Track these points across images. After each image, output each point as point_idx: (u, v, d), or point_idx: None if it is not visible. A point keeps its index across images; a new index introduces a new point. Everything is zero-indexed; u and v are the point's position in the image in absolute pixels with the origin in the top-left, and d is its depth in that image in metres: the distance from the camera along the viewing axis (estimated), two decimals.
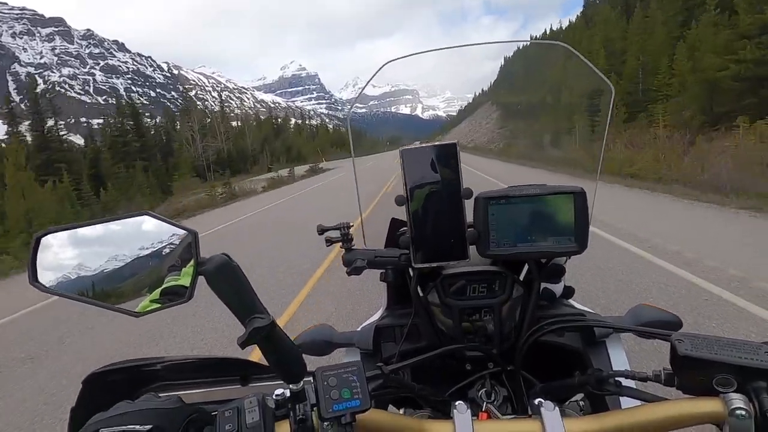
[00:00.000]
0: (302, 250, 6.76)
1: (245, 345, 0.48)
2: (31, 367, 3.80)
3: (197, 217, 15.97)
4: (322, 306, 4.27)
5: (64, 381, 3.40)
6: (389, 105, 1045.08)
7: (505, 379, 0.72)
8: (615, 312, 1.61)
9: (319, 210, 12.53)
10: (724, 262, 4.16)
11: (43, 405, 3.06)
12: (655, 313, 0.75)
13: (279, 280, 5.35)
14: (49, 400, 3.11)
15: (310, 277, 5.26)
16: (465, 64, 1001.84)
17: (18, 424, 2.84)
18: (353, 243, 0.76)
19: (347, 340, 0.82)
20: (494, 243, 0.67)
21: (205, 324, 4.12)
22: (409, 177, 0.65)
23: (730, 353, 0.46)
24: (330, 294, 4.58)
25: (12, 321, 5.40)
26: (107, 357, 3.65)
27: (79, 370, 3.50)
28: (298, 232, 8.67)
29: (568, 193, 0.65)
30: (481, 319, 0.71)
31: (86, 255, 0.50)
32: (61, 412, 2.89)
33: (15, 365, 3.89)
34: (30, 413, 2.97)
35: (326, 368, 0.52)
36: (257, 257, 6.78)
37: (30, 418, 2.90)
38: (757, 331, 2.81)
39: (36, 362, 3.90)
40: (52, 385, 3.37)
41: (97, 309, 0.48)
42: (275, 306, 4.26)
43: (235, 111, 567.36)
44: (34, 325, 5.07)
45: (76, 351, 4.03)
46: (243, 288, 0.50)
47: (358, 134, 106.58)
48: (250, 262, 6.37)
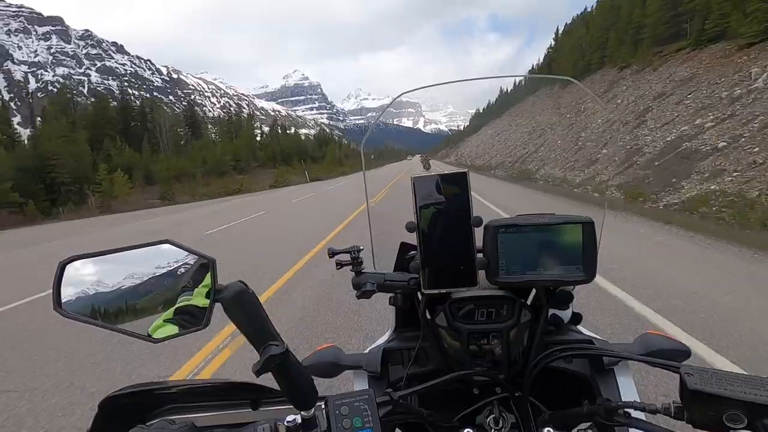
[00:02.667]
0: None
1: (260, 373, 0.50)
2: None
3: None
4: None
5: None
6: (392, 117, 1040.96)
7: (513, 405, 0.73)
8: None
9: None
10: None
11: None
12: (664, 341, 0.75)
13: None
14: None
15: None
16: (468, 82, 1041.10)
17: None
18: (363, 266, 0.78)
19: (355, 362, 0.81)
20: (503, 271, 0.69)
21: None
22: (420, 204, 0.67)
23: (739, 389, 0.46)
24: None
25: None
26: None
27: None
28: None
29: (577, 223, 0.67)
30: (489, 343, 0.71)
31: (108, 281, 0.52)
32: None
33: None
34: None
35: (338, 396, 0.55)
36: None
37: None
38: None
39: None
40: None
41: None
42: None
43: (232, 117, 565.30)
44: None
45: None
46: (258, 316, 0.52)
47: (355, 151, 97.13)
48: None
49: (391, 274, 0.77)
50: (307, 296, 4.67)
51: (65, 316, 0.49)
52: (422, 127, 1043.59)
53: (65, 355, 3.58)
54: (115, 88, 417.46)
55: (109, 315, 0.51)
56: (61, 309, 0.49)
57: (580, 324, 0.86)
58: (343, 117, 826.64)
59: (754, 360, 2.67)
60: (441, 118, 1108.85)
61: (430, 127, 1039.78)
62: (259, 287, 4.97)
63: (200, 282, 0.52)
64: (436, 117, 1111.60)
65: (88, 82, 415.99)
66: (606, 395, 0.70)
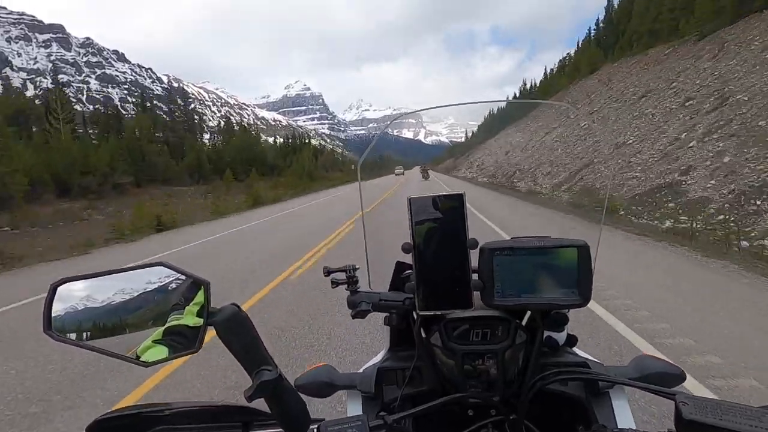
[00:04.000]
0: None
1: (252, 399, 0.50)
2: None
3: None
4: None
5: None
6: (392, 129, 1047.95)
7: (508, 428, 0.73)
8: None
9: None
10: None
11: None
12: (659, 364, 0.76)
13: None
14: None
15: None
16: (467, 93, 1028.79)
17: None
18: (359, 285, 0.79)
19: (349, 382, 0.81)
20: (499, 293, 0.69)
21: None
22: (415, 224, 0.67)
23: (733, 419, 0.47)
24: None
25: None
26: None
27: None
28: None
29: (573, 247, 0.68)
30: (484, 364, 0.72)
31: (100, 303, 0.52)
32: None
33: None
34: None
35: (331, 423, 0.54)
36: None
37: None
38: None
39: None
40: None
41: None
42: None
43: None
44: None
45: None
46: (252, 339, 0.51)
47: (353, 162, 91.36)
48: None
49: (386, 294, 0.78)
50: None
51: (54, 339, 0.49)
52: (423, 138, 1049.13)
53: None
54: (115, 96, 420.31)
55: (99, 336, 0.51)
56: (51, 331, 0.49)
57: (575, 346, 0.86)
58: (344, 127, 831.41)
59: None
60: (442, 129, 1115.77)
61: (431, 138, 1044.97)
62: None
63: (191, 300, 0.52)
64: (437, 128, 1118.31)
65: (87, 90, 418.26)
66: (601, 419, 0.71)
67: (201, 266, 7.30)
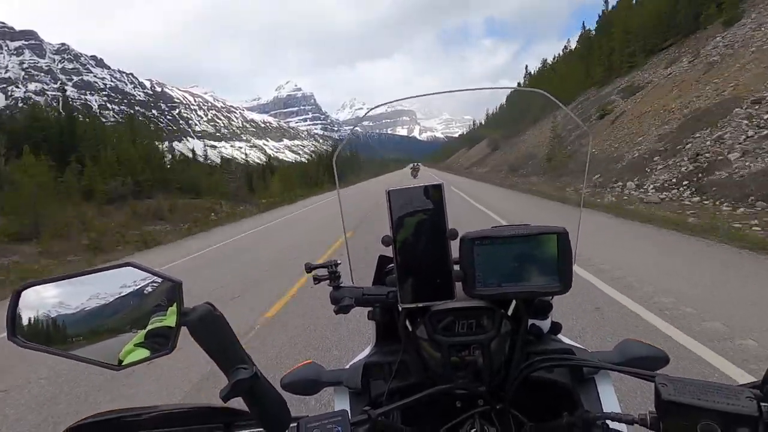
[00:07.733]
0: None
1: (228, 398, 0.50)
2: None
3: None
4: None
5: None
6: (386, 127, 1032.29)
7: (495, 417, 0.74)
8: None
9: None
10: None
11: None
12: (643, 348, 0.78)
13: None
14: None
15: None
16: (464, 87, 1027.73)
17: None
18: (341, 280, 0.80)
19: (335, 378, 0.82)
20: (480, 283, 0.70)
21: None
22: (395, 217, 0.68)
23: (712, 399, 0.48)
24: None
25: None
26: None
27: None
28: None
29: (552, 233, 0.69)
30: (471, 355, 0.72)
31: (67, 307, 0.51)
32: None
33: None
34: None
35: (311, 419, 0.55)
36: None
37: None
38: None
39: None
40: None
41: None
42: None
43: (223, 130, 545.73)
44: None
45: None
46: (226, 338, 0.51)
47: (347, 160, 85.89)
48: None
49: (369, 288, 0.79)
50: None
51: (21, 346, 0.48)
52: (417, 135, 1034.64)
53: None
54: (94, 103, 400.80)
55: (71, 341, 0.50)
56: (16, 338, 0.48)
57: (560, 333, 0.88)
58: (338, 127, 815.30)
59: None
60: (437, 125, 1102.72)
61: (426, 134, 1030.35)
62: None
63: (174, 301, 0.51)
64: (431, 125, 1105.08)
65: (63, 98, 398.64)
66: (587, 405, 0.73)
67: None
